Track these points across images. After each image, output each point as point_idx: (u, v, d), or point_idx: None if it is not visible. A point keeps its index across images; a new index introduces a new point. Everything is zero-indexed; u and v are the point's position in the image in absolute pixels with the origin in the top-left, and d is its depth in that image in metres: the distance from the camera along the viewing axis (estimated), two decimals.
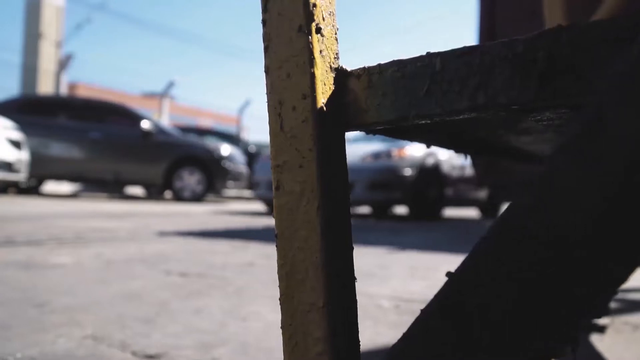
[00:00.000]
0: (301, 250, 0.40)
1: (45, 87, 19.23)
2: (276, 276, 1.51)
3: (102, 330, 1.14)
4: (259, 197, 6.93)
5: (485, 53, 0.38)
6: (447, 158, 6.65)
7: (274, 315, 1.34)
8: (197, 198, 8.69)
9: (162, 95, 15.90)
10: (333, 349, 0.39)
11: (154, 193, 10.70)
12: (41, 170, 8.36)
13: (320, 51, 0.41)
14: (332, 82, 0.42)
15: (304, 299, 0.40)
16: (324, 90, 0.41)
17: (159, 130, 8.95)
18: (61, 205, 6.56)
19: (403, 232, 4.34)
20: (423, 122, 0.41)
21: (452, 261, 2.65)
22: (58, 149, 8.54)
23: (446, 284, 0.35)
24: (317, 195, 0.40)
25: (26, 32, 21.03)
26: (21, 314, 1.25)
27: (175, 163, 8.64)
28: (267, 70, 0.42)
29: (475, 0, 4.95)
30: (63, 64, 13.31)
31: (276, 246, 0.42)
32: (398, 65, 0.41)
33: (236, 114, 19.28)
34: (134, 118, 9.02)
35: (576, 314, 0.31)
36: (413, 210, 6.30)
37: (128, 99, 24.67)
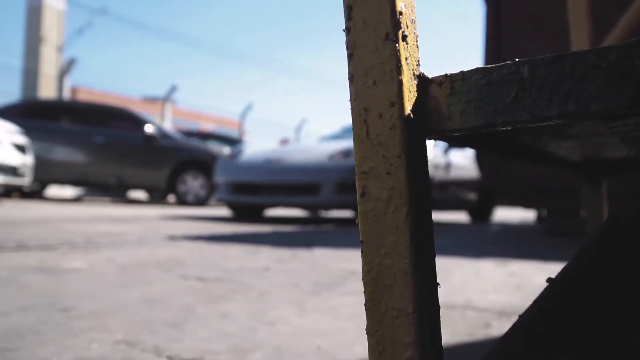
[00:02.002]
0: (389, 256, 0.41)
1: (46, 91, 19.24)
2: (295, 281, 1.51)
3: (132, 335, 1.14)
4: (219, 200, 6.26)
5: (577, 61, 0.38)
6: (431, 157, 6.19)
7: (301, 320, 1.34)
8: (201, 202, 8.69)
9: (165, 99, 15.91)
10: (422, 354, 0.40)
11: (156, 197, 10.70)
12: (45, 174, 8.36)
13: (406, 58, 0.41)
14: (415, 89, 0.42)
15: (392, 305, 0.41)
16: (409, 98, 0.41)
17: (163, 134, 8.96)
18: (66, 209, 6.56)
19: None
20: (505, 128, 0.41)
21: (463, 265, 2.65)
22: (61, 153, 8.54)
23: (546, 289, 0.36)
24: (405, 201, 0.40)
25: (27, 36, 21.04)
26: (49, 319, 1.25)
27: (179, 167, 8.65)
28: (352, 78, 0.42)
29: (481, 3, 4.97)
30: (66, 68, 13.31)
31: (361, 252, 0.42)
32: (483, 72, 0.41)
33: (238, 117, 19.30)
34: (138, 122, 9.03)
35: None
36: None
37: (129, 103, 24.70)
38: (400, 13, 0.41)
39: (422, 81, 0.43)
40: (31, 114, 8.77)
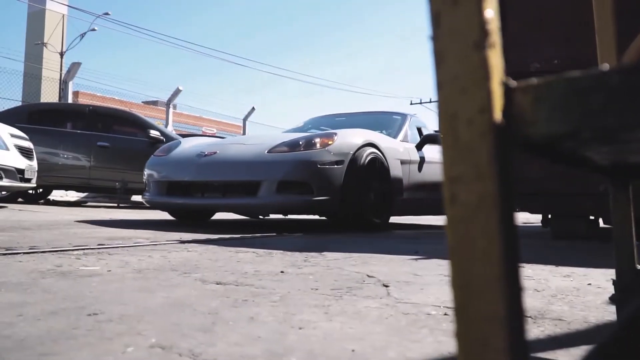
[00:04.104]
0: (479, 262, 0.41)
1: (48, 95, 19.25)
2: (313, 285, 1.51)
3: (165, 340, 1.14)
4: (147, 202, 5.26)
5: None
6: (395, 153, 5.29)
7: (328, 324, 1.35)
8: None
9: (168, 102, 15.94)
10: (513, 359, 0.40)
11: None
12: (49, 179, 8.36)
13: (494, 66, 0.42)
14: (501, 96, 0.43)
15: (482, 310, 0.41)
16: (497, 104, 0.42)
17: (168, 139, 8.97)
18: (72, 213, 6.57)
19: (402, 240, 4.33)
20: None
21: None
22: (66, 157, 8.55)
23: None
24: (496, 207, 0.40)
25: (29, 40, 21.03)
26: (79, 323, 1.26)
27: None
28: (440, 85, 0.43)
29: None
30: (69, 72, 13.34)
31: (449, 258, 0.43)
32: (569, 79, 0.42)
33: (239, 120, 19.33)
34: (142, 126, 9.04)
35: None
36: (345, 218, 4.82)
37: (130, 107, 24.68)
38: (489, 21, 0.41)
39: (507, 88, 0.44)
40: (35, 118, 8.78)
